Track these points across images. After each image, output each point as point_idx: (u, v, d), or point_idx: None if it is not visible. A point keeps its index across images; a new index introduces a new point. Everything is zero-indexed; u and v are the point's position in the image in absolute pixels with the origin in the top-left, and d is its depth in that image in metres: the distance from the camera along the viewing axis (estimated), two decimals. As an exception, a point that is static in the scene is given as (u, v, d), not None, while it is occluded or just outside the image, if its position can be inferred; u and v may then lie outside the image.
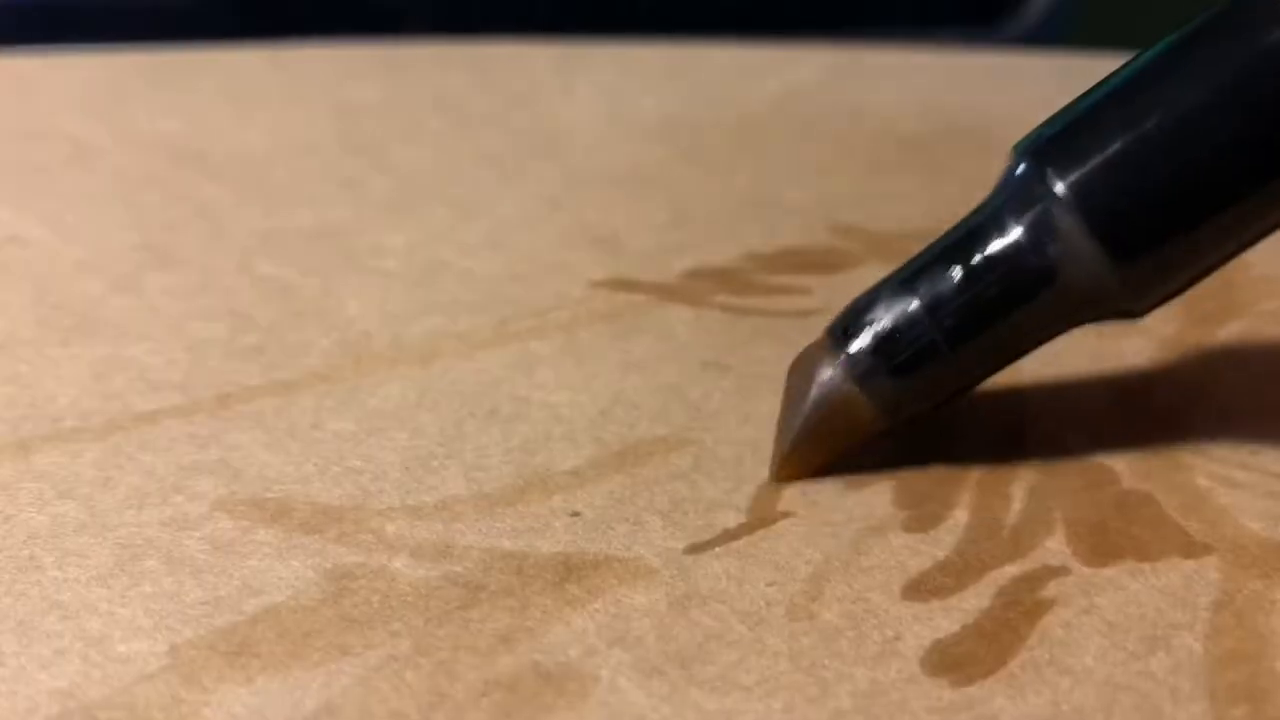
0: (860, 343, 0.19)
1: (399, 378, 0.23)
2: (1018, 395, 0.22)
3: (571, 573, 0.18)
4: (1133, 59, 0.19)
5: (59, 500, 0.19)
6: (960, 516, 0.19)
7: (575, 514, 0.19)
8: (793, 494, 0.20)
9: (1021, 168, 0.19)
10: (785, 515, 0.19)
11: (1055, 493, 0.20)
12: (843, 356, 0.19)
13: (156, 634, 0.17)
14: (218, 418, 0.21)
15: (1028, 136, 0.19)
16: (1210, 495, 0.20)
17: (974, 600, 0.18)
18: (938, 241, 0.20)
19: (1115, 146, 0.18)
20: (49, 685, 0.16)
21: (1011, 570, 0.18)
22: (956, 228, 0.19)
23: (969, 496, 0.20)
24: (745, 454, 0.21)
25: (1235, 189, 0.18)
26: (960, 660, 0.17)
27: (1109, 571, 0.18)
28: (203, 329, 0.24)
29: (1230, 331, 0.25)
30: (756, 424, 0.21)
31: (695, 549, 0.19)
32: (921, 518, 0.19)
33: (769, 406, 0.22)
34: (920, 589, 0.18)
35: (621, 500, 0.19)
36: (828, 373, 0.19)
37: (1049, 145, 0.19)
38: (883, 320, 0.19)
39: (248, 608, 0.17)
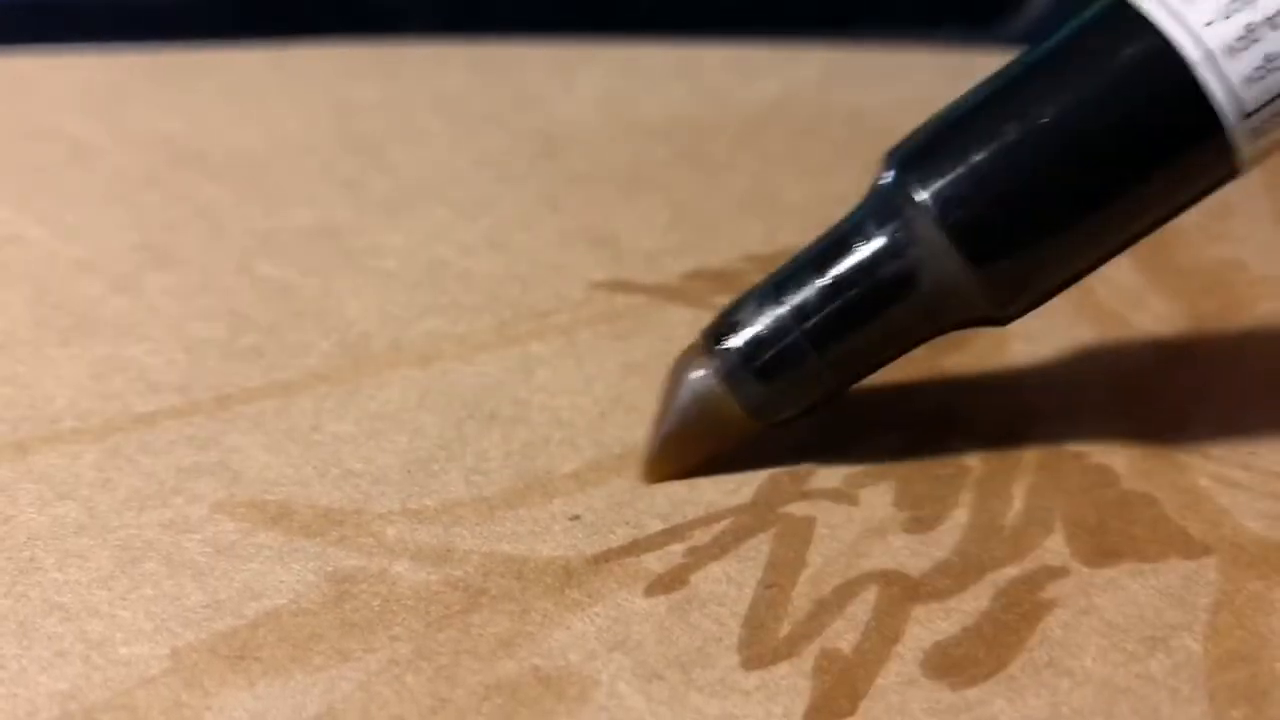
0: (729, 345, 0.20)
1: (399, 379, 0.23)
2: (1018, 396, 0.22)
3: (571, 577, 0.18)
4: (999, 71, 0.19)
5: (59, 501, 0.19)
6: (960, 517, 0.19)
7: (575, 518, 0.19)
8: (792, 495, 0.20)
9: (887, 176, 0.19)
10: (785, 518, 0.19)
11: (1055, 493, 0.20)
12: (713, 358, 0.20)
13: (158, 637, 0.17)
14: (217, 419, 0.21)
15: (896, 146, 0.20)
16: (1210, 496, 0.20)
17: (973, 602, 0.18)
18: (807, 247, 0.20)
19: (976, 157, 0.18)
20: (50, 687, 0.16)
21: (1011, 571, 0.18)
22: (825, 234, 0.20)
23: (969, 497, 0.20)
24: (745, 457, 0.21)
25: (1087, 202, 0.19)
26: (960, 662, 0.17)
27: (1109, 572, 0.18)
28: (202, 329, 0.24)
29: (1229, 332, 0.25)
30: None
31: (695, 552, 0.19)
32: (921, 519, 0.19)
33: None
34: (920, 591, 0.18)
35: (621, 504, 0.20)
36: (698, 373, 0.20)
37: (914, 154, 0.19)
38: (752, 324, 0.20)
39: (249, 611, 0.17)
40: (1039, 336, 0.24)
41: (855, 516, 0.19)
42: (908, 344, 0.20)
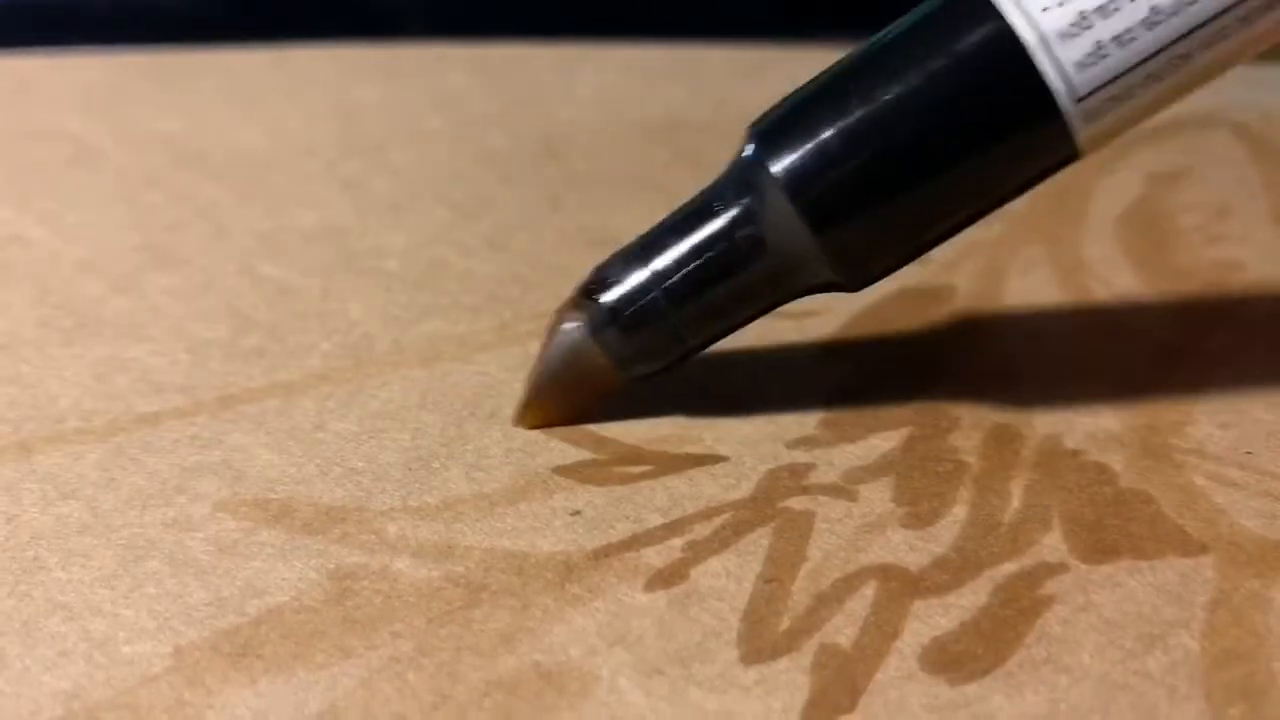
0: (598, 300, 0.21)
1: (400, 379, 0.23)
2: (1015, 394, 0.22)
3: (572, 572, 0.18)
4: (853, 50, 0.21)
5: (62, 501, 0.19)
6: (959, 513, 0.19)
7: (576, 513, 0.19)
8: (792, 490, 0.20)
9: (746, 150, 0.21)
10: (784, 512, 0.19)
11: (1053, 490, 0.20)
12: (584, 312, 0.21)
13: (160, 635, 0.17)
14: (220, 419, 0.21)
15: (755, 121, 0.21)
16: (1206, 494, 0.20)
17: (972, 597, 0.18)
18: (673, 212, 0.21)
19: (823, 134, 0.20)
20: (53, 686, 0.16)
21: (1009, 567, 0.18)
22: (691, 200, 0.21)
23: (967, 493, 0.20)
24: (744, 452, 0.21)
25: (924, 178, 0.20)
26: (958, 658, 0.17)
27: (1106, 569, 0.18)
28: (204, 330, 0.24)
29: (1225, 333, 0.25)
30: (755, 423, 0.21)
31: (694, 546, 0.19)
32: (920, 514, 0.19)
33: (767, 406, 0.22)
34: (918, 586, 0.18)
35: (621, 499, 0.20)
36: (569, 325, 0.21)
37: (768, 130, 0.20)
38: (619, 281, 0.21)
39: (251, 609, 0.17)
40: (1037, 335, 0.24)
41: (854, 512, 0.19)
42: (760, 306, 0.21)
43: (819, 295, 0.21)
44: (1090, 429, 0.21)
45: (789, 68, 0.39)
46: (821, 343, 0.24)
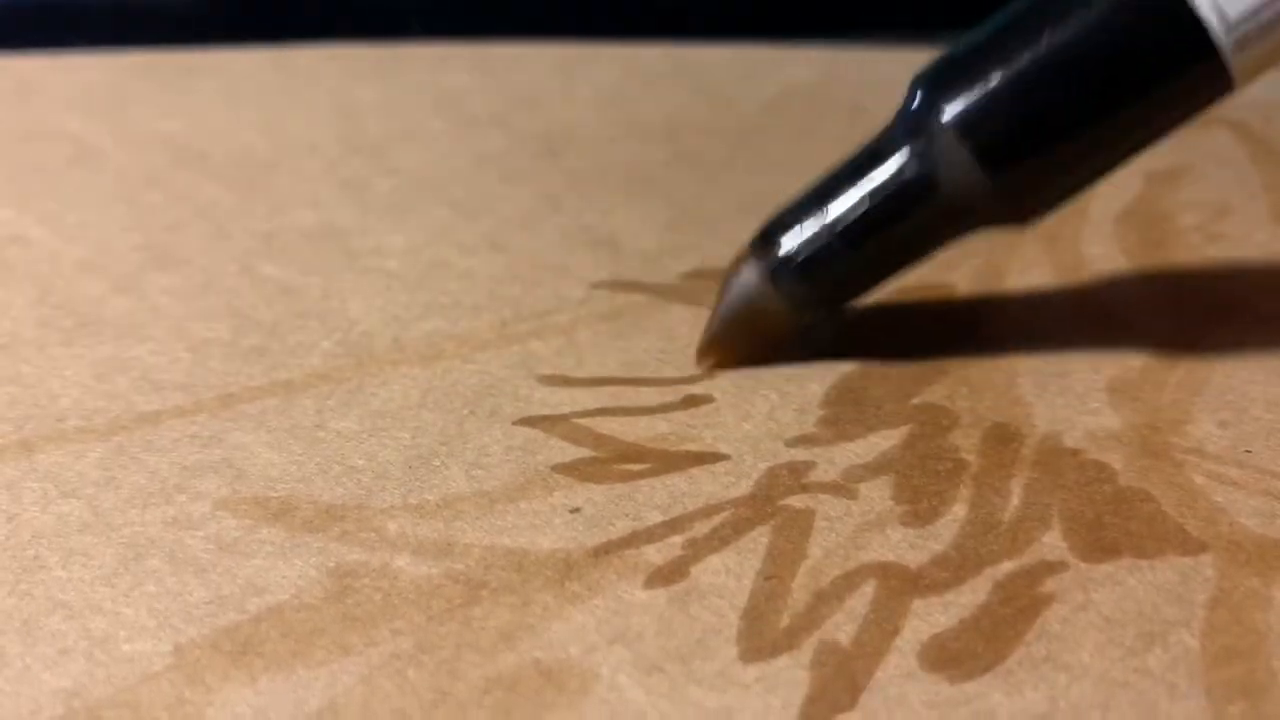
0: (772, 249, 0.22)
1: (400, 378, 0.23)
2: (1015, 393, 0.22)
3: (572, 569, 0.18)
4: (1012, 2, 0.22)
5: (63, 500, 0.19)
6: (958, 511, 0.19)
7: (575, 510, 0.19)
8: (791, 488, 0.20)
9: (916, 97, 0.22)
10: (784, 510, 0.19)
11: (1053, 489, 0.20)
12: (759, 259, 0.22)
13: (161, 633, 0.17)
14: (220, 418, 0.21)
15: (924, 69, 0.22)
16: (1206, 493, 0.20)
17: (971, 595, 0.18)
18: (844, 160, 0.22)
19: (993, 79, 0.21)
20: (54, 685, 0.16)
21: (1009, 566, 0.18)
22: (862, 149, 0.22)
23: (967, 492, 0.20)
24: (744, 450, 0.21)
25: (1087, 118, 0.21)
26: (958, 655, 0.17)
27: (1106, 567, 0.18)
28: (205, 329, 0.24)
29: (1226, 331, 0.25)
30: (755, 421, 0.21)
31: (694, 544, 0.19)
32: (919, 512, 0.19)
33: (768, 404, 0.22)
34: (918, 584, 0.18)
35: (621, 497, 0.20)
36: (745, 273, 0.23)
37: (939, 78, 0.22)
38: (793, 228, 0.22)
39: (251, 607, 0.17)
40: (1037, 334, 0.24)
41: (854, 510, 0.19)
42: (930, 245, 0.22)
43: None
44: (1090, 427, 0.21)
45: (789, 68, 0.39)
46: (822, 341, 0.24)
